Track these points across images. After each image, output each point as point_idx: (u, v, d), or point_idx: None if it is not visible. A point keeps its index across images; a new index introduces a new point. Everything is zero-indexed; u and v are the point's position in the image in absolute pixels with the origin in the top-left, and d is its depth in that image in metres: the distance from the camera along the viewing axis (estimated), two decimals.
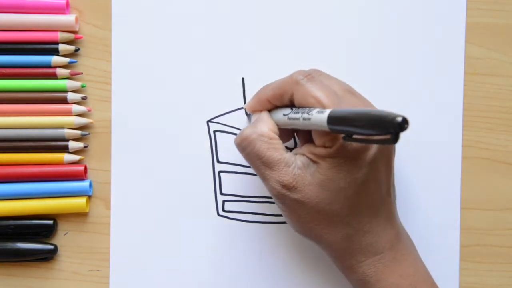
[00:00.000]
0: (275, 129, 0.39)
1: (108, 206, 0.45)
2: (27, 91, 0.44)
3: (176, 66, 0.45)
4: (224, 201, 0.45)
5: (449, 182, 0.45)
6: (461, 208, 0.45)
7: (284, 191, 0.37)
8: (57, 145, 0.44)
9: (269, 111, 0.41)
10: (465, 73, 0.45)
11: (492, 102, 0.45)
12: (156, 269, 0.45)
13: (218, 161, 0.45)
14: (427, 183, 0.45)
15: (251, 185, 0.45)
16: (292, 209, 0.38)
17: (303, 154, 0.38)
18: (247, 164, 0.45)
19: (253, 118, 0.41)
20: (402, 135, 0.30)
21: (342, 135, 0.35)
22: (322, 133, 0.36)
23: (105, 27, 0.45)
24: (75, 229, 0.45)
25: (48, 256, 0.45)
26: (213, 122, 0.45)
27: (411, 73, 0.45)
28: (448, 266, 0.43)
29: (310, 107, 0.37)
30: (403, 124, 0.29)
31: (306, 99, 0.37)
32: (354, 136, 0.33)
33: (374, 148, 0.37)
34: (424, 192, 0.45)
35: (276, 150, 0.38)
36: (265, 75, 0.45)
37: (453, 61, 0.45)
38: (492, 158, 0.45)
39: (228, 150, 0.45)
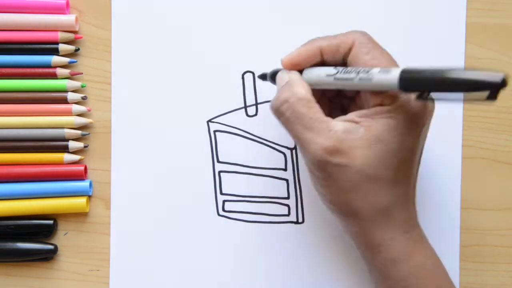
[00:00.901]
0: (311, 92, 0.37)
1: (108, 206, 0.45)
2: (27, 91, 0.44)
3: (176, 66, 0.45)
4: (224, 201, 0.45)
5: (449, 182, 0.45)
6: (461, 208, 0.45)
7: (326, 156, 0.35)
8: (57, 145, 0.44)
9: (300, 72, 0.38)
10: None
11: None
12: (156, 269, 0.45)
13: (218, 161, 0.45)
14: (427, 183, 0.45)
15: (251, 185, 0.45)
16: (333, 177, 0.35)
17: (348, 120, 0.36)
18: (247, 164, 0.45)
19: (281, 80, 0.38)
20: None
21: (416, 97, 0.33)
22: (379, 91, 0.35)
23: (105, 27, 0.45)
24: (75, 229, 0.45)
25: (48, 256, 0.45)
26: (213, 122, 0.45)
27: None
28: (448, 266, 0.43)
29: (362, 67, 0.35)
30: (503, 83, 0.29)
31: (365, 57, 0.36)
32: (432, 95, 0.32)
33: (429, 117, 0.35)
34: (424, 192, 0.45)
35: (316, 113, 0.36)
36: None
37: (453, 61, 0.45)
38: (492, 158, 0.45)
39: (228, 150, 0.45)
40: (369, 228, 0.36)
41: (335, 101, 0.41)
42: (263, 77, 0.42)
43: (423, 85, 0.32)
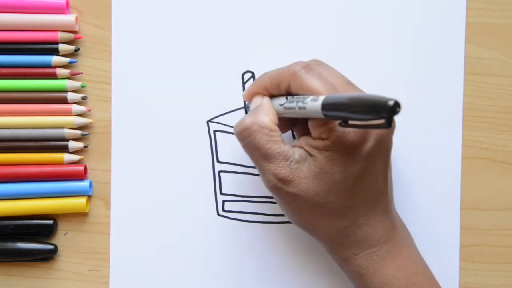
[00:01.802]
0: (276, 119, 0.38)
1: (108, 206, 0.45)
2: (27, 91, 0.44)
3: (176, 66, 0.45)
4: (224, 201, 0.45)
5: (449, 182, 0.45)
6: (461, 208, 0.45)
7: (279, 184, 0.37)
8: (57, 145, 0.44)
9: None
10: (465, 73, 0.45)
11: (492, 102, 0.45)
12: (156, 269, 0.45)
13: (218, 161, 0.45)
14: (427, 183, 0.45)
15: (251, 185, 0.45)
16: (287, 202, 0.38)
17: (301, 147, 0.38)
18: (247, 164, 0.45)
19: (253, 104, 0.40)
20: (402, 134, 0.29)
21: (338, 125, 0.34)
22: (318, 124, 0.36)
23: (105, 27, 0.45)
24: (75, 229, 0.45)
25: (48, 256, 0.45)
26: (213, 122, 0.45)
27: (411, 73, 0.45)
28: (448, 266, 0.43)
29: (304, 96, 0.36)
30: (395, 108, 0.29)
31: (303, 90, 0.37)
32: (350, 122, 0.33)
33: (371, 141, 0.36)
34: (424, 192, 0.45)
35: (275, 142, 0.37)
36: None
37: (453, 61, 0.45)
38: (492, 158, 0.45)
39: (228, 150, 0.45)
40: (330, 246, 0.39)
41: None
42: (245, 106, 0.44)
43: (341, 111, 0.33)
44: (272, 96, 0.40)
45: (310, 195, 0.37)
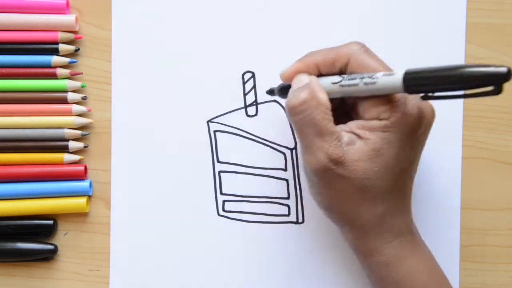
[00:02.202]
0: (328, 99, 0.37)
1: (108, 206, 0.45)
2: (27, 91, 0.44)
3: (176, 66, 0.45)
4: (224, 201, 0.45)
5: (449, 182, 0.45)
6: (461, 208, 0.45)
7: (330, 164, 0.36)
8: (57, 145, 0.44)
9: None
10: None
11: (492, 102, 0.45)
12: (156, 269, 0.45)
13: (218, 161, 0.45)
14: (427, 183, 0.45)
15: (251, 185, 0.45)
16: (333, 185, 0.36)
17: (349, 131, 0.37)
18: (247, 164, 0.45)
19: (297, 83, 0.38)
20: None
21: (422, 98, 0.34)
22: (378, 103, 0.36)
23: (105, 27, 0.45)
24: (75, 229, 0.45)
25: (48, 256, 0.45)
26: (213, 122, 0.45)
27: None
28: (448, 266, 0.43)
29: (366, 72, 0.36)
30: (509, 74, 0.29)
31: (363, 67, 0.36)
32: (437, 94, 0.32)
33: (423, 127, 0.36)
34: (424, 192, 0.45)
35: (330, 121, 0.36)
36: (266, 74, 0.45)
37: (453, 61, 0.45)
38: (492, 158, 0.45)
39: (228, 150, 0.45)
40: (363, 234, 0.38)
41: (338, 108, 0.41)
42: (270, 92, 0.43)
43: (428, 84, 0.33)
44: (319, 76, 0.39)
45: (360, 178, 0.36)
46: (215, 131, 0.45)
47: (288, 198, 0.45)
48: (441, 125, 0.45)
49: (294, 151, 0.45)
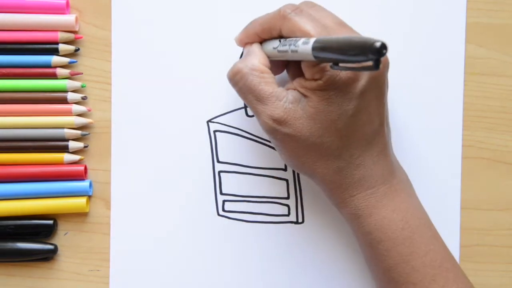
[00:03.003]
0: (267, 62, 0.39)
1: (108, 206, 0.45)
2: (27, 91, 0.44)
3: (176, 66, 0.45)
4: (224, 201, 0.45)
5: (449, 182, 0.45)
6: (461, 208, 0.45)
7: (275, 125, 0.37)
8: (57, 145, 0.44)
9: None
10: (465, 73, 0.45)
11: (492, 102, 0.45)
12: (156, 269, 0.45)
13: (218, 161, 0.45)
14: (427, 183, 0.45)
15: (251, 185, 0.45)
16: (284, 143, 0.38)
17: (294, 89, 0.38)
18: (247, 164, 0.45)
19: (245, 51, 0.41)
20: (402, 134, 0.29)
21: (329, 67, 0.35)
22: (311, 65, 0.36)
23: (105, 27, 0.45)
24: (75, 229, 0.45)
25: (48, 256, 0.45)
26: (213, 122, 0.45)
27: (411, 73, 0.45)
28: None
29: (296, 38, 0.36)
30: (382, 49, 0.29)
31: (294, 32, 0.37)
32: (340, 64, 0.33)
33: (363, 79, 0.37)
34: (424, 192, 0.45)
35: (267, 84, 0.38)
36: None
37: (453, 61, 0.45)
38: (492, 158, 0.45)
39: (228, 150, 0.45)
40: (328, 187, 0.39)
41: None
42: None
43: (331, 53, 0.33)
44: (265, 40, 0.40)
45: (306, 135, 0.37)
46: (215, 131, 0.45)
47: (288, 198, 0.45)
48: (441, 125, 0.45)
49: None
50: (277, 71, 0.41)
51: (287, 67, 0.42)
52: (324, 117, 0.37)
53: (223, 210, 0.45)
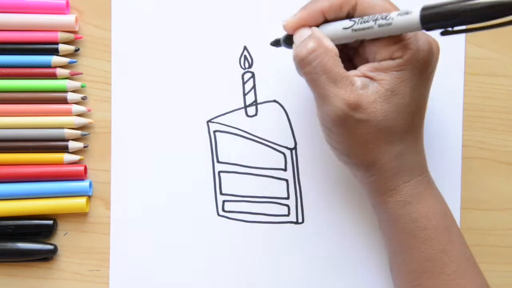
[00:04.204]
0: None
1: (108, 206, 0.45)
2: (27, 91, 0.44)
3: (176, 66, 0.45)
4: (224, 201, 0.45)
5: (449, 182, 0.45)
6: (461, 208, 0.45)
7: (348, 110, 0.36)
8: (57, 145, 0.44)
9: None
10: (465, 73, 0.45)
11: (492, 102, 0.45)
12: (156, 269, 0.45)
13: (218, 161, 0.45)
14: None
15: (251, 185, 0.45)
16: (353, 131, 0.36)
17: (361, 75, 0.37)
18: (247, 164, 0.45)
19: (299, 36, 0.38)
20: None
21: (441, 34, 0.34)
22: (390, 42, 0.36)
23: (105, 27, 0.45)
24: (75, 229, 0.45)
25: (48, 256, 0.45)
26: (213, 122, 0.45)
27: None
28: None
29: (378, 14, 0.35)
30: None
31: (373, 8, 0.36)
32: (456, 29, 0.32)
33: (434, 60, 0.37)
34: None
35: (341, 67, 0.36)
36: (266, 73, 0.45)
37: (453, 61, 0.45)
38: (492, 158, 0.45)
39: (228, 150, 0.45)
40: (385, 174, 0.38)
41: (341, 53, 0.40)
42: (276, 43, 0.41)
43: (445, 19, 0.32)
44: (324, 23, 0.38)
45: (379, 119, 0.36)
46: (215, 131, 0.45)
47: (288, 198, 0.45)
48: (441, 125, 0.45)
49: (294, 151, 0.45)
50: None
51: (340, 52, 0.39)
52: (400, 99, 0.36)
53: (223, 210, 0.45)
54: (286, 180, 0.45)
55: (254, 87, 0.45)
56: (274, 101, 0.45)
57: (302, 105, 0.45)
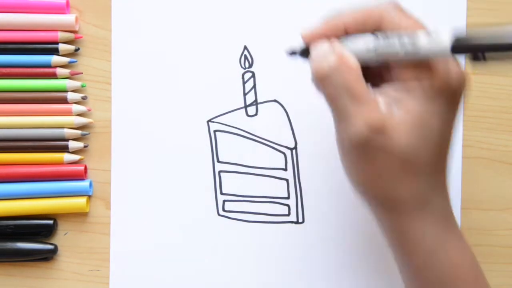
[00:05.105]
0: None
1: (108, 206, 0.45)
2: (27, 91, 0.44)
3: (176, 66, 0.45)
4: (224, 201, 0.45)
5: (449, 182, 0.45)
6: (461, 208, 0.45)
7: (370, 132, 0.32)
8: (57, 145, 0.44)
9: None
10: None
11: (492, 102, 0.45)
12: (156, 269, 0.45)
13: (218, 161, 0.45)
14: None
15: (251, 185, 0.45)
16: (373, 159, 0.32)
17: (385, 96, 0.33)
18: (247, 164, 0.45)
19: (317, 49, 0.34)
20: None
21: (472, 59, 0.31)
22: (415, 64, 0.32)
23: (105, 27, 0.45)
24: (75, 229, 0.45)
25: (48, 256, 0.45)
26: (213, 122, 0.45)
27: None
28: None
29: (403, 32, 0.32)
30: None
31: (398, 26, 0.32)
32: (488, 54, 0.30)
33: (464, 91, 0.33)
34: None
35: (364, 84, 0.32)
36: (266, 73, 0.45)
37: None
38: (492, 158, 0.45)
39: (228, 150, 0.45)
40: (407, 218, 0.34)
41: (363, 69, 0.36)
42: (292, 53, 0.36)
43: (482, 43, 0.30)
44: (345, 36, 0.34)
45: (403, 148, 0.32)
46: (215, 131, 0.45)
47: (288, 198, 0.45)
48: None
49: (294, 151, 0.45)
50: None
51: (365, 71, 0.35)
52: (428, 130, 0.32)
53: (223, 210, 0.45)
54: (287, 180, 0.45)
55: (254, 86, 0.45)
56: (274, 101, 0.45)
57: (302, 105, 0.45)
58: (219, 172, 0.45)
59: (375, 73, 0.35)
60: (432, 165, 0.33)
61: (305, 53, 0.36)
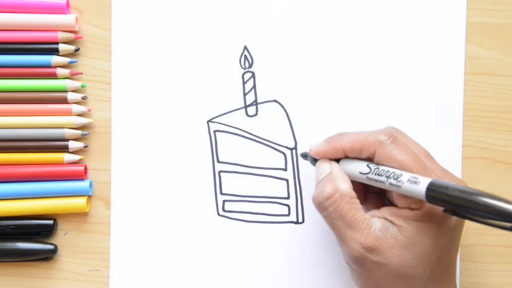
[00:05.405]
0: (351, 186, 0.38)
1: (108, 206, 0.45)
2: (27, 91, 0.44)
3: (176, 66, 0.45)
4: (224, 201, 0.45)
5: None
6: None
7: (365, 253, 0.36)
8: (57, 145, 0.44)
9: (337, 160, 0.39)
10: (465, 73, 0.45)
11: (492, 102, 0.45)
12: (156, 269, 0.45)
13: (218, 161, 0.45)
14: None
15: (251, 185, 0.45)
16: (371, 273, 0.36)
17: (382, 217, 0.37)
18: (247, 164, 0.45)
19: (320, 170, 0.39)
20: (407, 130, 0.29)
21: (443, 211, 0.35)
22: (406, 196, 0.36)
23: (105, 27, 0.45)
24: (75, 229, 0.45)
25: (48, 256, 0.45)
26: (213, 122, 0.45)
27: (411, 73, 0.45)
28: None
29: (393, 169, 0.36)
30: None
31: (389, 161, 0.37)
32: (458, 212, 0.33)
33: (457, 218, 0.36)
34: None
35: (357, 210, 0.37)
36: (266, 73, 0.45)
37: (453, 61, 0.45)
38: (492, 158, 0.45)
39: (228, 150, 0.45)
40: None
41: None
42: (304, 156, 0.42)
43: (450, 203, 0.33)
44: (345, 158, 0.39)
45: (398, 265, 0.36)
46: (215, 131, 0.45)
47: (288, 198, 0.45)
48: (441, 125, 0.45)
49: (294, 151, 0.45)
50: (358, 196, 0.39)
51: (366, 191, 0.41)
52: (418, 248, 0.36)
53: (223, 210, 0.45)
54: (286, 180, 0.45)
55: (254, 87, 0.45)
56: (274, 101, 0.45)
57: (302, 105, 0.45)
58: (219, 172, 0.45)
59: (376, 193, 0.40)
60: (429, 276, 0.36)
61: (313, 161, 0.41)
